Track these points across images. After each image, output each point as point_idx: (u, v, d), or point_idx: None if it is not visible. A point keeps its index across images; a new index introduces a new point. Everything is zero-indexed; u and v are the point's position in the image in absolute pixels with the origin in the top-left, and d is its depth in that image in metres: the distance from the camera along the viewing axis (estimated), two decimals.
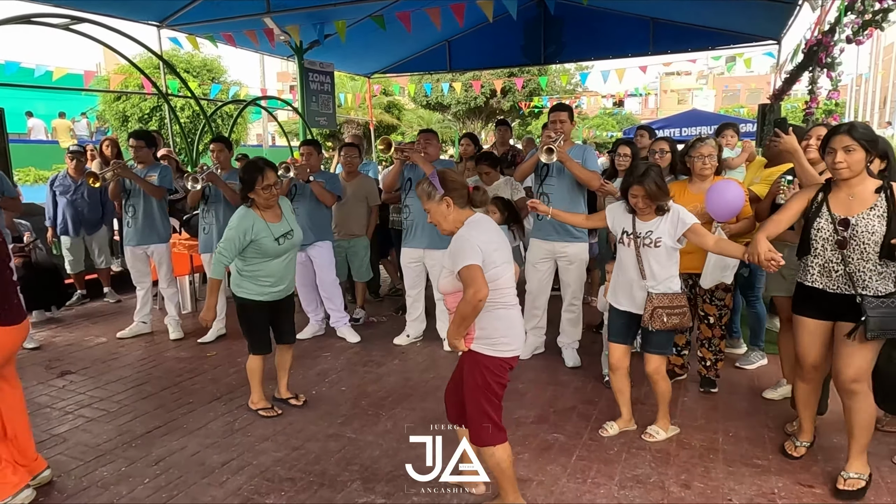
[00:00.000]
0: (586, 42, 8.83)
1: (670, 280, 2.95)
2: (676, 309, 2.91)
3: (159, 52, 6.99)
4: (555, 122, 3.87)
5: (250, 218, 3.27)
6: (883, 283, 2.46)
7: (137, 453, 3.08)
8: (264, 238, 3.29)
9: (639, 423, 3.25)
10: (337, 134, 19.35)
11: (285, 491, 2.71)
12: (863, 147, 2.43)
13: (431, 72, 11.19)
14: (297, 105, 8.37)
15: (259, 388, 3.56)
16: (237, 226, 3.25)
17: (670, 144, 3.98)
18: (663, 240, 2.89)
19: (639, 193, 2.87)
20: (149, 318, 5.15)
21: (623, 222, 3.04)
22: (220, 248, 3.26)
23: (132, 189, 4.78)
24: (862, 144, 2.42)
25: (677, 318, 2.92)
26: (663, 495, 2.63)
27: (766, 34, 8.03)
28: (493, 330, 2.31)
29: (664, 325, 2.89)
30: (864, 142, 2.43)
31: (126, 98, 13.47)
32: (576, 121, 5.67)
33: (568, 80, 25.42)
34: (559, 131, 3.82)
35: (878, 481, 2.70)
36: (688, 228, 2.84)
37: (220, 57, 15.50)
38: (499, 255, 2.32)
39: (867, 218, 2.45)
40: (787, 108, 17.92)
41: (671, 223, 2.88)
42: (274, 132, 25.43)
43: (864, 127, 2.49)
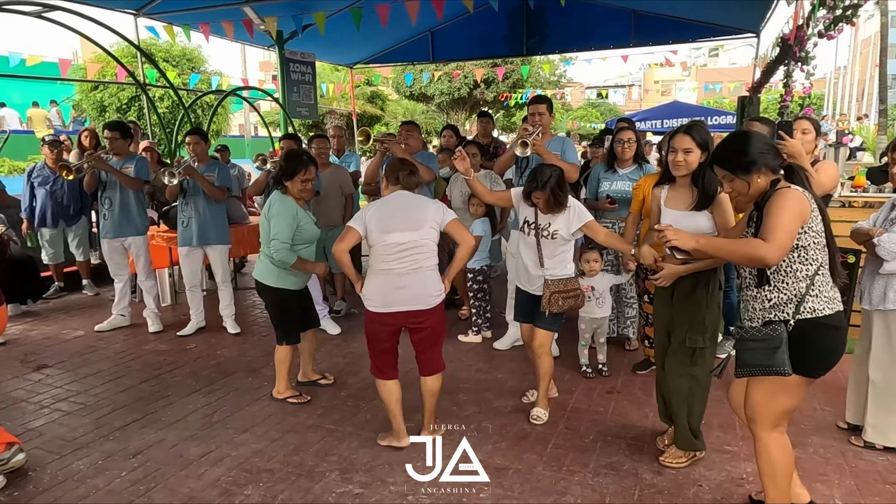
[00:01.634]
0: (569, 33, 8.84)
1: (564, 266, 3.16)
2: (571, 292, 3.12)
3: (136, 41, 6.88)
4: (533, 115, 3.89)
5: (292, 204, 3.40)
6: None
7: (114, 446, 3.07)
8: (307, 223, 3.44)
9: (619, 413, 3.31)
10: (320, 124, 19.22)
11: (263, 482, 2.73)
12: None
13: (414, 62, 11.14)
14: (278, 95, 8.29)
15: (285, 377, 3.62)
16: (286, 211, 3.35)
17: (636, 134, 4.11)
18: (560, 232, 3.08)
19: (541, 198, 3.05)
20: (128, 311, 5.11)
21: (526, 212, 3.18)
22: (279, 237, 3.28)
23: (108, 181, 4.73)
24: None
25: (572, 300, 3.13)
26: (636, 482, 2.69)
27: (745, 27, 8.11)
28: (366, 287, 2.88)
29: (560, 308, 3.09)
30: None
31: (104, 87, 13.22)
32: (560, 112, 5.69)
33: (552, 71, 25.46)
34: (537, 124, 3.84)
35: (842, 465, 2.79)
36: (583, 224, 3.07)
37: (201, 46, 15.19)
38: (376, 226, 2.80)
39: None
40: (767, 99, 18.12)
41: (569, 218, 3.08)
42: (256, 123, 25.16)
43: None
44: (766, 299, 2.11)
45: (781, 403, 2.14)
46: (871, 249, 2.81)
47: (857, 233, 2.94)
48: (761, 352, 2.06)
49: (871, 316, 2.89)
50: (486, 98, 23.11)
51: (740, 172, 2.11)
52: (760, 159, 2.08)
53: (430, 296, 2.86)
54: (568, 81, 28.19)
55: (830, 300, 2.07)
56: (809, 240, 2.04)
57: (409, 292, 2.81)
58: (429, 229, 2.84)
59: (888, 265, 2.75)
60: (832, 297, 2.08)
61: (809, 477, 2.68)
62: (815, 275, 2.05)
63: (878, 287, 2.84)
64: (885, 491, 2.59)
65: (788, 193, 2.03)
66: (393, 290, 2.81)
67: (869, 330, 2.96)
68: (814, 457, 2.87)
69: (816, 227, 2.05)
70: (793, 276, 2.06)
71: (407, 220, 2.82)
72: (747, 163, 2.09)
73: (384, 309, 2.84)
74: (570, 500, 2.57)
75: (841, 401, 3.26)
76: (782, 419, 2.18)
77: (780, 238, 1.96)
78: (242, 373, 4.07)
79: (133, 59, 10.47)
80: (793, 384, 2.09)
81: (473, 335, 4.60)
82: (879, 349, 2.88)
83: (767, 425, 2.16)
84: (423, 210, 2.86)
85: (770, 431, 2.17)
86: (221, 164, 4.98)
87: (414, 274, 2.82)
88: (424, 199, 2.96)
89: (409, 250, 2.80)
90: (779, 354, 2.03)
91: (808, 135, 3.21)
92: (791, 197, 2.02)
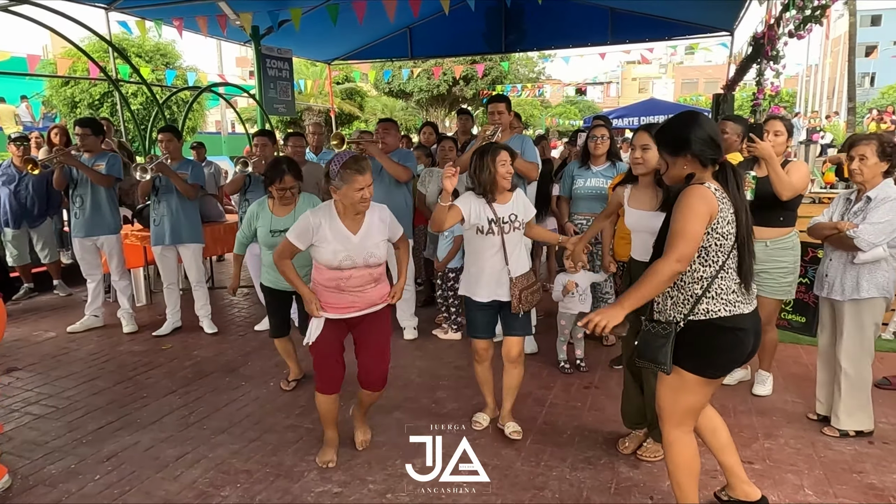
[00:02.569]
0: (547, 31, 8.90)
1: (523, 260, 3.00)
2: (534, 286, 2.99)
3: (108, 35, 6.74)
4: (493, 114, 3.92)
5: (260, 206, 3.61)
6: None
7: (88, 450, 3.02)
8: (261, 228, 3.56)
9: (597, 408, 3.34)
10: (298, 121, 19.05)
11: (241, 483, 2.71)
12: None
13: (393, 59, 11.09)
14: (254, 92, 8.20)
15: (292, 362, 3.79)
16: (249, 210, 3.66)
17: (610, 132, 4.16)
18: (520, 217, 2.96)
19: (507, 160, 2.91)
20: (101, 312, 5.02)
21: (484, 212, 2.89)
22: (241, 227, 3.69)
23: (79, 178, 4.63)
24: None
25: (537, 293, 3.02)
26: (613, 475, 2.73)
27: (720, 25, 8.26)
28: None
29: (530, 304, 2.97)
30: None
31: (75, 83, 12.93)
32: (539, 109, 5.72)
33: (531, 68, 25.56)
34: (497, 122, 3.87)
35: (812, 455, 2.86)
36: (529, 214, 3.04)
37: (175, 41, 14.92)
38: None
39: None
40: (742, 97, 18.43)
41: (519, 202, 2.99)
42: (233, 119, 24.83)
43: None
44: (670, 296, 2.08)
45: (683, 401, 2.12)
46: (842, 242, 2.89)
47: (820, 227, 3.01)
48: (651, 346, 2.08)
49: (843, 307, 2.97)
50: (465, 95, 23.13)
51: (667, 149, 2.08)
52: (693, 145, 2.00)
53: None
54: (547, 78, 28.33)
55: (730, 302, 2.01)
56: (712, 241, 1.99)
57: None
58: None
59: (863, 255, 2.83)
60: (733, 301, 2.02)
61: (780, 468, 2.75)
62: (716, 277, 2.00)
63: (849, 277, 2.91)
64: (853, 480, 2.66)
65: (693, 191, 1.97)
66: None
67: (834, 321, 3.04)
68: (784, 448, 2.93)
69: (723, 228, 1.98)
70: (690, 277, 2.03)
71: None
72: (677, 143, 2.03)
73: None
74: (548, 494, 2.59)
75: (811, 392, 3.34)
76: (686, 417, 2.16)
77: (679, 248, 1.92)
78: (220, 373, 4.03)
79: (105, 54, 10.26)
80: (691, 383, 2.07)
81: (453, 332, 4.61)
82: (850, 339, 2.95)
83: (672, 422, 2.16)
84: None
85: (674, 428, 2.17)
86: (195, 162, 4.91)
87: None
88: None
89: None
90: (663, 351, 2.03)
91: (780, 136, 3.27)
92: (694, 195, 1.96)
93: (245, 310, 5.61)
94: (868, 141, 2.89)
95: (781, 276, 3.30)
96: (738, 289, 2.04)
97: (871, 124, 16.89)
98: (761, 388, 3.52)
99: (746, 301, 2.06)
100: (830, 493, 2.56)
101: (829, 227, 2.96)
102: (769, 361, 3.54)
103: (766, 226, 3.20)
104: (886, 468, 2.74)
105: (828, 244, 3.03)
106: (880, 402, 3.08)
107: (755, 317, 2.09)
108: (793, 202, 3.24)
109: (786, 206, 3.21)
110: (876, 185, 2.87)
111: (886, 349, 4.06)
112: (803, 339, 4.22)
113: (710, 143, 2.01)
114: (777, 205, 3.15)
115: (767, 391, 3.51)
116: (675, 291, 2.08)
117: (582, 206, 4.27)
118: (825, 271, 3.05)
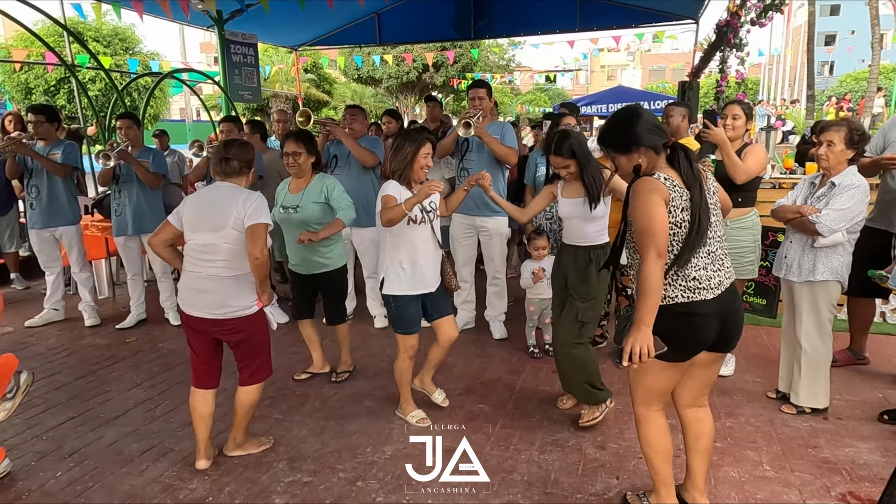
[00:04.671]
0: (516, 18, 8.88)
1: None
2: (451, 265, 3.13)
3: (62, 19, 6.48)
4: (473, 99, 3.92)
5: (283, 184, 3.55)
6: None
7: (48, 446, 2.94)
8: (276, 205, 3.47)
9: (565, 392, 3.40)
10: (265, 108, 18.70)
11: (209, 475, 2.68)
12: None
13: (361, 45, 10.95)
14: (219, 78, 8.00)
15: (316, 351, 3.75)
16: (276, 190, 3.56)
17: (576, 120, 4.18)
18: (435, 202, 3.01)
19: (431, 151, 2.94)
20: (61, 305, 4.87)
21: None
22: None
23: (34, 168, 4.47)
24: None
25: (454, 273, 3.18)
26: (580, 457, 2.78)
27: (685, 13, 8.35)
28: (178, 284, 2.75)
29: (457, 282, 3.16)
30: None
31: (28, 69, 12.44)
32: (509, 96, 5.72)
33: (501, 55, 25.52)
34: (478, 107, 3.87)
35: (770, 433, 2.96)
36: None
37: (134, 25, 14.43)
38: (186, 222, 2.61)
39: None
40: (708, 83, 18.73)
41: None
42: (197, 107, 24.25)
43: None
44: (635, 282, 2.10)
45: (646, 382, 2.16)
46: (804, 226, 2.97)
47: (783, 210, 3.09)
48: (621, 331, 2.15)
49: (798, 288, 3.06)
50: (435, 82, 22.99)
51: (618, 150, 2.08)
52: (643, 139, 2.01)
53: (229, 306, 2.59)
54: (517, 66, 28.35)
55: (688, 289, 2.01)
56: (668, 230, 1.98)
57: (210, 298, 2.58)
58: (230, 231, 2.54)
59: (823, 240, 2.92)
60: (693, 287, 2.01)
61: (740, 445, 2.84)
62: (673, 265, 1.99)
63: (807, 260, 3.01)
64: (808, 454, 2.76)
65: (641, 185, 1.98)
66: (194, 293, 2.60)
67: (794, 301, 3.14)
68: (745, 426, 3.03)
69: (676, 217, 1.97)
70: None
71: (210, 220, 2.57)
72: (626, 142, 2.04)
73: (188, 311, 2.64)
74: (516, 477, 2.63)
75: (772, 372, 3.45)
76: (650, 397, 2.19)
77: (652, 244, 1.92)
78: (186, 365, 3.89)
79: (60, 38, 9.87)
80: (652, 365, 2.05)
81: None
82: (808, 319, 3.06)
83: (637, 400, 2.21)
84: (227, 209, 2.55)
85: (638, 406, 2.21)
86: (157, 150, 4.78)
87: (213, 280, 2.58)
88: (236, 195, 2.59)
89: (208, 254, 2.57)
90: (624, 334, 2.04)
91: (738, 120, 3.34)
92: (644, 188, 1.96)
93: None
94: (838, 127, 2.95)
95: (741, 255, 3.39)
96: (698, 275, 2.02)
97: (831, 111, 17.39)
98: (724, 369, 3.61)
99: (710, 287, 2.02)
100: (787, 467, 2.66)
101: (791, 210, 3.04)
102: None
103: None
104: (839, 442, 2.86)
105: (789, 227, 3.12)
106: (833, 380, 3.19)
107: (721, 302, 2.03)
108: (750, 184, 3.32)
109: (742, 188, 3.30)
110: (840, 172, 2.95)
111: (836, 329, 4.21)
112: (763, 321, 4.35)
113: (657, 131, 2.03)
114: (734, 187, 3.23)
115: (730, 371, 3.62)
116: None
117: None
118: (784, 253, 3.14)
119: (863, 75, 26.63)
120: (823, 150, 2.96)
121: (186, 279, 2.65)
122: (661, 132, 2.04)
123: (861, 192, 2.90)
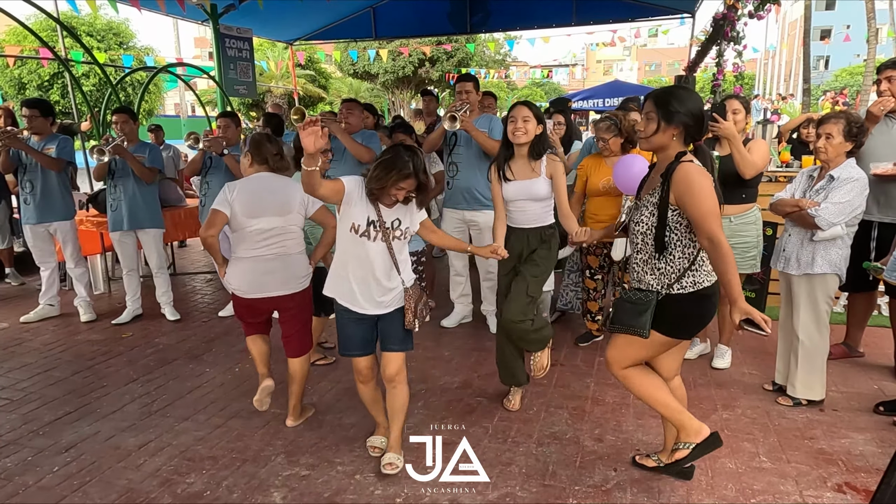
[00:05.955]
0: (512, 12, 8.87)
1: (410, 269, 2.59)
2: (422, 298, 2.55)
3: (55, 13, 6.43)
4: (461, 93, 3.90)
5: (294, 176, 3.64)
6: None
7: (45, 441, 2.93)
8: None
9: (562, 384, 3.39)
10: (260, 103, 18.62)
11: (206, 469, 2.67)
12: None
13: (357, 39, 10.89)
14: (214, 73, 7.95)
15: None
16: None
17: (566, 117, 4.18)
18: (410, 229, 2.51)
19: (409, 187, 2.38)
20: (56, 301, 4.85)
21: (365, 211, 2.41)
22: None
23: (28, 163, 4.43)
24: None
25: (427, 307, 2.61)
26: (578, 449, 2.79)
27: (681, 7, 8.33)
28: (231, 274, 2.86)
29: (424, 319, 2.54)
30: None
31: (21, 63, 12.35)
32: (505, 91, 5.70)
33: (497, 50, 25.46)
34: (465, 101, 3.85)
35: (767, 424, 2.97)
36: (422, 220, 2.59)
37: (129, 19, 14.36)
38: (242, 210, 2.73)
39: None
40: (704, 78, 18.75)
41: (411, 211, 2.51)
42: (192, 102, 24.13)
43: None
44: (657, 268, 2.18)
45: (634, 353, 2.27)
46: (803, 220, 2.97)
47: (782, 204, 3.09)
48: (630, 312, 2.20)
49: (797, 281, 3.07)
50: (430, 77, 22.94)
51: (667, 118, 2.10)
52: (686, 118, 2.08)
53: (297, 280, 2.87)
54: (513, 60, 28.30)
55: (709, 272, 2.15)
56: None
57: (277, 278, 2.81)
58: (296, 215, 2.84)
59: (822, 233, 2.92)
60: (709, 270, 2.15)
61: (737, 437, 2.85)
62: (700, 250, 2.11)
63: (806, 253, 3.01)
64: (804, 445, 2.78)
65: (694, 170, 2.04)
66: (261, 276, 2.79)
67: (791, 294, 3.14)
68: (741, 418, 3.04)
69: None
70: (680, 252, 2.14)
71: (274, 205, 2.78)
72: (674, 112, 2.08)
73: (252, 295, 2.84)
74: (514, 470, 2.63)
75: (767, 365, 3.46)
76: (634, 363, 2.31)
77: (718, 224, 2.00)
78: (183, 360, 3.95)
79: (54, 32, 9.79)
80: (655, 342, 2.20)
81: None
82: (805, 311, 3.06)
83: (617, 367, 2.32)
84: (290, 195, 2.82)
85: (620, 370, 2.32)
86: (152, 145, 4.75)
87: (281, 259, 2.81)
88: (291, 183, 2.87)
89: (277, 236, 2.79)
90: (644, 317, 2.15)
91: (738, 114, 3.34)
92: (698, 174, 2.03)
93: (208, 296, 5.50)
94: (836, 120, 2.94)
95: (745, 250, 3.40)
96: (706, 261, 2.16)
97: (826, 104, 17.42)
98: (720, 362, 3.63)
99: (710, 271, 2.17)
100: (784, 458, 2.67)
101: (790, 203, 3.04)
102: (729, 336, 3.66)
103: (729, 203, 3.29)
104: (835, 434, 2.87)
105: (788, 220, 3.12)
106: (829, 372, 3.21)
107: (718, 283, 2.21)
108: (754, 179, 3.32)
109: (747, 184, 3.30)
110: (839, 165, 2.95)
111: (832, 321, 4.23)
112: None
113: (700, 122, 2.11)
114: (739, 182, 3.23)
115: (726, 364, 3.63)
116: (661, 264, 2.16)
117: None
118: (783, 246, 3.14)
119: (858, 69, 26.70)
120: (822, 143, 2.95)
121: (247, 265, 2.80)
122: (700, 126, 2.14)
123: (860, 185, 2.90)
